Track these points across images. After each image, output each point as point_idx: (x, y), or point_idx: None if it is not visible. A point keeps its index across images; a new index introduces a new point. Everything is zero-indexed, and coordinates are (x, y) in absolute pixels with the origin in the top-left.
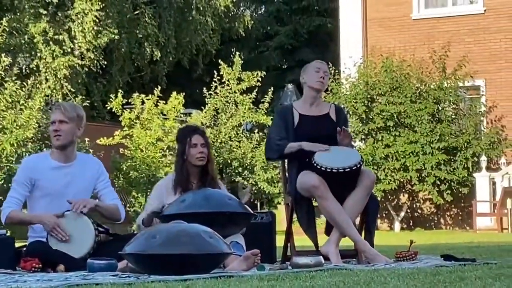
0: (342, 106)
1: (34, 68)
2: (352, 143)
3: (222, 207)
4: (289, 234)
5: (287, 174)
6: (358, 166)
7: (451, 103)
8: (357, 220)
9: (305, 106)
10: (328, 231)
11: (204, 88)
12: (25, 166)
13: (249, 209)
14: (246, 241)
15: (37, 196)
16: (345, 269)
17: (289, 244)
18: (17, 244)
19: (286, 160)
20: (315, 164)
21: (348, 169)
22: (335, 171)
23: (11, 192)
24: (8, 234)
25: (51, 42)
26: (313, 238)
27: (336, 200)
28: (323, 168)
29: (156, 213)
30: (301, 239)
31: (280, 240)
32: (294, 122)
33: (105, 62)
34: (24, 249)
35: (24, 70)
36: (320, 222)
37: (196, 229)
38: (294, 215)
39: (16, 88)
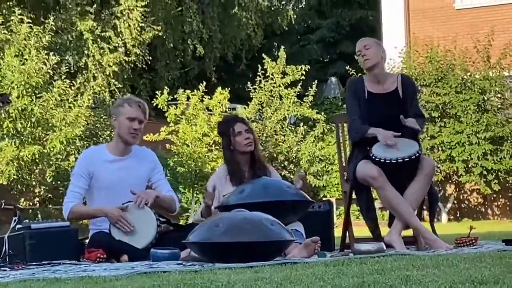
0: None
1: (82, 66)
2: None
3: (281, 195)
4: (347, 222)
5: (343, 162)
6: (417, 155)
7: (497, 93)
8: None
9: (373, 83)
10: (391, 224)
11: (249, 83)
12: (83, 158)
13: (307, 197)
14: (304, 230)
15: (94, 188)
16: (408, 255)
17: (347, 233)
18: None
19: (348, 148)
20: (373, 157)
21: (407, 159)
22: (394, 162)
23: (71, 186)
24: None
25: (98, 39)
26: (371, 225)
27: (395, 190)
28: (382, 160)
29: (208, 206)
30: (358, 230)
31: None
32: (365, 98)
33: (150, 58)
34: (87, 240)
35: (72, 68)
36: (382, 215)
37: (258, 217)
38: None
39: (65, 87)
